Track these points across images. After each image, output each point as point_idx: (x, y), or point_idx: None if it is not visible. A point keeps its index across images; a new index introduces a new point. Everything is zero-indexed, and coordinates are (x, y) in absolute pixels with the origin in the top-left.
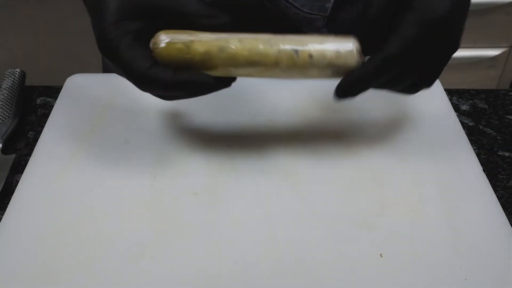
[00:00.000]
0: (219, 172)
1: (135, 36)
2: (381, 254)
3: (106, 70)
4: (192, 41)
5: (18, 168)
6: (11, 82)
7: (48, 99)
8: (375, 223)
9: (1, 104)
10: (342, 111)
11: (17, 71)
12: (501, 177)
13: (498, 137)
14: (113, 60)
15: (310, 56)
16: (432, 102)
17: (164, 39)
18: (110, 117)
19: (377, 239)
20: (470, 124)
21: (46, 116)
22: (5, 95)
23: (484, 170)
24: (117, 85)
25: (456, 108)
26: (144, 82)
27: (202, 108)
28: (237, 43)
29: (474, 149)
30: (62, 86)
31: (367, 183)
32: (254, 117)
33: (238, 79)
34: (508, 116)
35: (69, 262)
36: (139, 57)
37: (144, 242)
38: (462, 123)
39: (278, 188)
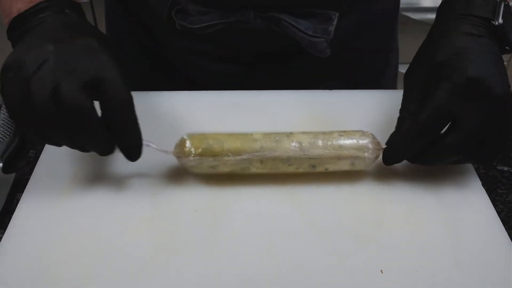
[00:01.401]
0: (219, 189)
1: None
2: (381, 270)
3: None
4: (217, 165)
5: (19, 187)
6: None
7: None
8: (374, 239)
9: (2, 123)
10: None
11: None
12: (500, 191)
13: None
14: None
15: (326, 169)
16: None
17: (193, 160)
18: None
19: (377, 254)
20: None
21: None
22: (6, 114)
23: (483, 185)
24: None
25: None
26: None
27: (202, 125)
28: (258, 164)
29: (473, 164)
30: None
31: (366, 198)
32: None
33: (240, 96)
34: None
35: (70, 280)
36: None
37: (145, 258)
38: None
39: (278, 204)
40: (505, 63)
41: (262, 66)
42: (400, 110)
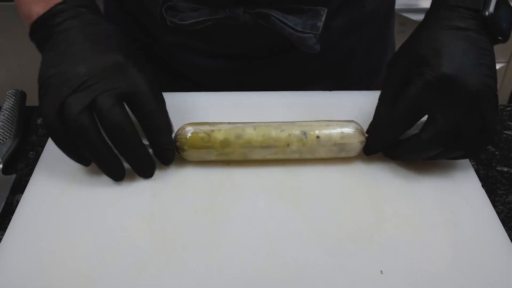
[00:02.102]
0: (218, 190)
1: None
2: (381, 271)
3: None
4: (212, 131)
5: (19, 188)
6: (12, 102)
7: None
8: (374, 240)
9: (2, 125)
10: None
11: (17, 91)
12: (500, 192)
13: (497, 153)
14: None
15: (318, 137)
16: None
17: (189, 129)
18: None
19: (377, 255)
20: None
21: (46, 136)
22: (6, 115)
23: (483, 186)
24: None
25: None
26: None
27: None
28: (252, 130)
29: (472, 165)
30: None
31: (366, 199)
32: None
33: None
34: (506, 132)
35: (70, 281)
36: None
37: (144, 259)
38: None
39: (277, 206)
40: (505, 63)
41: (254, 62)
42: (378, 99)
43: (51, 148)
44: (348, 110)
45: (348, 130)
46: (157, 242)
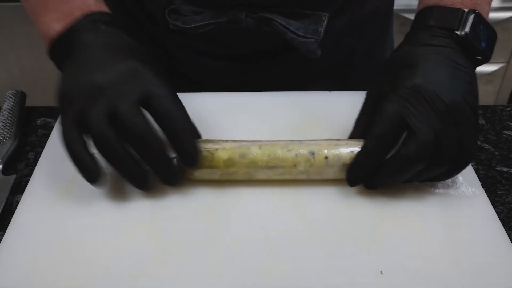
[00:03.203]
0: (218, 192)
1: None
2: (381, 271)
3: None
4: (216, 149)
5: (18, 189)
6: (12, 103)
7: (49, 119)
8: (374, 240)
9: (2, 125)
10: (339, 128)
11: (17, 92)
12: (500, 192)
13: (496, 153)
14: None
15: (326, 157)
16: None
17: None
18: None
19: (377, 255)
20: None
21: (46, 136)
22: (6, 116)
23: (482, 186)
24: None
25: None
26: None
27: (202, 128)
28: (257, 149)
29: (472, 165)
30: None
31: (365, 200)
32: (253, 134)
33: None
34: (506, 132)
35: (70, 282)
36: None
37: (144, 260)
38: None
39: (277, 206)
40: (504, 64)
41: (256, 63)
42: (355, 122)
43: (51, 148)
44: (349, 111)
45: (358, 149)
46: (157, 243)
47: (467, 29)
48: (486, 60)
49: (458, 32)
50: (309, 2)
